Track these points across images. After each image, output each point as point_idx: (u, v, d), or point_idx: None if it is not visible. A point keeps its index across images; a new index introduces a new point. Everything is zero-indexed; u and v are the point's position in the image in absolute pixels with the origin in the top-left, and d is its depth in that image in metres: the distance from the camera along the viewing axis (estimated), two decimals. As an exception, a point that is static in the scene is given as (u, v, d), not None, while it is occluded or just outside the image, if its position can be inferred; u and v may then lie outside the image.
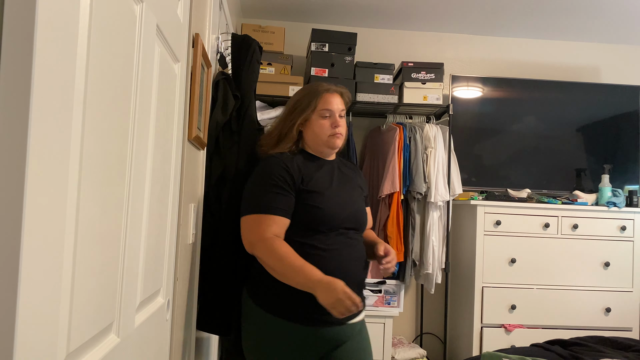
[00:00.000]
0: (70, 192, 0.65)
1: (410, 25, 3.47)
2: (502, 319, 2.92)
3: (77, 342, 0.69)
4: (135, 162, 0.92)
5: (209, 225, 1.80)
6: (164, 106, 1.15)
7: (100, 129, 0.74)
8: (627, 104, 3.38)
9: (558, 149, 3.35)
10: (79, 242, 0.68)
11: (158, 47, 1.07)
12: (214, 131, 1.80)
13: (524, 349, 2.04)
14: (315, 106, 1.63)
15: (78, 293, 0.68)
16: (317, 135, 1.63)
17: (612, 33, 3.45)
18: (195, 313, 1.71)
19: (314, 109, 1.63)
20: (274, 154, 1.61)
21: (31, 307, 0.55)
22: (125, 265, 0.90)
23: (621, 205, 3.00)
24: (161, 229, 1.18)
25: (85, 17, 0.67)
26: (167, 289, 1.28)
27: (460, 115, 3.25)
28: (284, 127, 1.66)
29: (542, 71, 3.58)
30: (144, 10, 0.93)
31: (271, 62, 2.97)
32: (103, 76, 0.74)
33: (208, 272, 1.77)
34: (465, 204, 3.13)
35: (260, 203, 1.52)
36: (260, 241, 1.48)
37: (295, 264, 1.43)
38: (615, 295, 2.98)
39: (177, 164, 1.33)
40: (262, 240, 1.47)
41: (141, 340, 1.03)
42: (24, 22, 0.53)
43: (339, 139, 1.65)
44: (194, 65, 1.49)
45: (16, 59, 0.52)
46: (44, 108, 0.56)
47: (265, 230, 1.48)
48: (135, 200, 0.93)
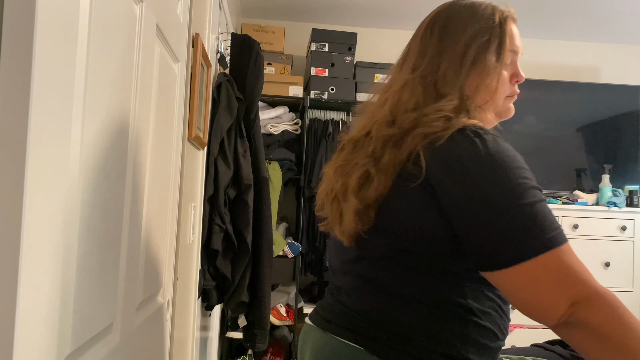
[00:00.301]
0: (70, 192, 0.65)
1: (410, 25, 3.47)
2: (502, 319, 2.93)
3: (77, 342, 0.69)
4: (135, 162, 0.92)
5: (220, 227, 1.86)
6: (164, 106, 1.14)
7: (100, 128, 0.74)
8: (628, 103, 3.38)
9: (558, 149, 3.35)
10: (79, 242, 0.68)
11: (158, 47, 1.07)
12: (218, 134, 1.80)
13: (524, 349, 2.03)
14: (502, 41, 0.91)
15: (78, 293, 0.68)
16: (494, 96, 0.93)
17: (612, 33, 3.44)
18: (196, 313, 1.71)
19: (500, 48, 0.90)
20: (487, 130, 0.83)
21: (31, 307, 0.55)
22: (125, 265, 0.90)
23: (621, 205, 3.00)
24: (161, 229, 1.18)
25: (85, 17, 0.67)
26: (167, 289, 1.28)
27: (460, 115, 3.25)
28: (476, 77, 0.89)
29: (542, 71, 3.58)
30: (143, 10, 0.93)
31: (271, 62, 2.97)
32: (103, 76, 0.74)
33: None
34: (466, 204, 3.13)
35: (551, 226, 0.75)
36: (595, 294, 0.75)
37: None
38: (616, 295, 2.98)
39: (177, 164, 1.33)
40: (596, 293, 0.75)
41: (141, 340, 1.03)
42: (24, 23, 0.52)
43: (513, 107, 1.01)
44: (194, 65, 1.49)
45: (16, 59, 0.52)
46: (44, 108, 0.56)
47: (589, 274, 0.76)
48: (135, 200, 0.93)
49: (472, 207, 0.76)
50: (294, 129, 2.96)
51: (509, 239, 0.74)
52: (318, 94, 2.96)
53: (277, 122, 2.91)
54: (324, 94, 2.97)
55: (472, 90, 0.88)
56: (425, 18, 1.00)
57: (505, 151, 0.80)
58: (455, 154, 0.78)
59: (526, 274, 0.74)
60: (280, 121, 2.93)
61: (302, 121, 2.97)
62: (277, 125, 2.90)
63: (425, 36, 0.95)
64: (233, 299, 1.97)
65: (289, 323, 2.88)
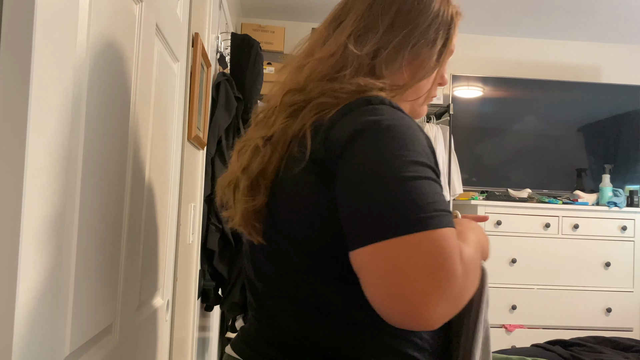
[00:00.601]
0: (70, 192, 0.65)
1: (410, 25, 3.47)
2: (502, 319, 2.92)
3: (77, 342, 0.69)
4: (135, 161, 0.92)
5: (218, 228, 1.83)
6: (164, 106, 1.14)
7: (99, 128, 0.74)
8: (628, 103, 3.38)
9: (558, 149, 3.35)
10: (79, 242, 0.68)
11: (157, 46, 1.07)
12: (216, 133, 1.80)
13: (524, 349, 2.03)
14: (448, 41, 0.86)
15: (78, 293, 0.68)
16: (420, 91, 0.87)
17: (612, 33, 3.44)
18: (196, 313, 1.71)
19: (444, 48, 0.86)
20: (396, 106, 0.72)
21: (31, 307, 0.55)
22: (125, 265, 0.89)
23: (622, 205, 3.00)
24: (161, 229, 1.18)
25: (85, 17, 0.67)
26: (166, 289, 1.28)
27: (460, 115, 3.25)
28: (408, 55, 0.81)
29: (543, 71, 3.58)
30: (143, 9, 0.93)
31: (271, 62, 2.97)
32: (102, 76, 0.74)
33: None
34: (466, 204, 3.13)
35: (427, 206, 0.62)
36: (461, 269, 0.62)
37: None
38: (616, 295, 2.98)
39: (177, 164, 1.33)
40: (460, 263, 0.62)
41: (141, 340, 1.03)
42: (23, 22, 0.52)
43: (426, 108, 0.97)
44: (194, 64, 1.49)
45: (15, 59, 0.52)
46: (43, 108, 0.56)
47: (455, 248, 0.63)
48: (134, 200, 0.93)
49: (348, 181, 0.64)
50: (294, 129, 2.96)
51: (373, 214, 0.61)
52: (318, 94, 2.96)
53: (277, 122, 2.91)
54: (324, 94, 2.97)
55: (402, 82, 0.80)
56: None
57: (406, 125, 0.67)
58: (352, 120, 0.67)
59: (388, 255, 0.59)
60: (280, 121, 2.93)
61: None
62: (277, 125, 2.90)
63: (376, 8, 0.80)
64: (227, 300, 1.97)
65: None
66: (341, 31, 0.79)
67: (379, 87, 0.73)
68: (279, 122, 0.73)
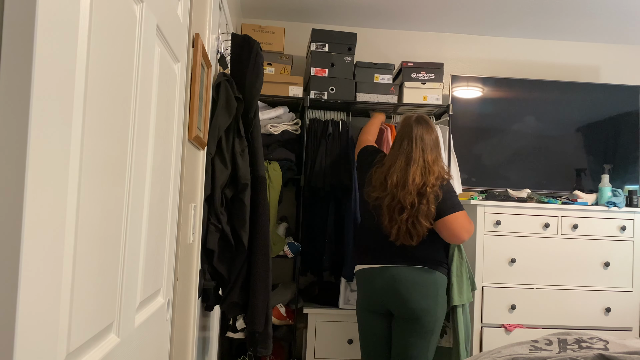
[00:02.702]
0: (71, 192, 0.65)
1: (410, 25, 3.47)
2: (502, 319, 2.92)
3: (77, 342, 0.69)
4: (135, 162, 0.92)
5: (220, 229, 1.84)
6: (164, 106, 1.15)
7: (100, 129, 0.74)
8: (627, 103, 3.38)
9: (558, 149, 3.35)
10: (79, 242, 0.68)
11: (158, 47, 1.07)
12: (216, 134, 1.80)
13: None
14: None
15: (78, 293, 0.68)
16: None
17: (611, 33, 3.45)
18: (196, 313, 1.71)
19: None
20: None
21: (31, 307, 0.55)
22: (125, 265, 0.90)
23: (621, 205, 3.00)
24: (161, 229, 1.18)
25: (86, 17, 0.68)
26: (167, 289, 1.28)
27: (460, 115, 3.25)
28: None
29: (542, 71, 3.58)
30: (144, 10, 0.93)
31: (271, 62, 2.97)
32: (103, 76, 0.74)
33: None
34: (466, 204, 3.13)
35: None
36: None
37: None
38: (615, 295, 2.98)
39: (177, 164, 1.33)
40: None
41: (141, 340, 1.03)
42: (24, 23, 0.53)
43: None
44: (194, 65, 1.49)
45: (16, 59, 0.52)
46: (44, 108, 0.56)
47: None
48: (135, 200, 0.93)
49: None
50: (294, 129, 2.96)
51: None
52: (318, 94, 2.96)
53: (277, 122, 2.91)
54: (323, 94, 2.97)
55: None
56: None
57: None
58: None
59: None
60: (280, 121, 2.93)
61: (302, 121, 2.97)
62: (277, 125, 2.90)
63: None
64: (227, 300, 1.96)
65: (289, 323, 2.88)
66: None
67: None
68: None
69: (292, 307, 2.90)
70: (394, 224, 2.15)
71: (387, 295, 2.19)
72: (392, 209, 2.16)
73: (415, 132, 2.22)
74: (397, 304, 2.17)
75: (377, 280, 2.21)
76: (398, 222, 2.14)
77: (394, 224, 2.15)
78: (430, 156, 2.20)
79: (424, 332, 2.16)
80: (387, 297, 2.19)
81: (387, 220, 2.17)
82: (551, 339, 1.98)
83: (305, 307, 2.93)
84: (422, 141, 2.21)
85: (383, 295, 2.20)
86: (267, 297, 1.98)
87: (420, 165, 2.17)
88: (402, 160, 2.19)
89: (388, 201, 2.17)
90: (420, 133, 2.22)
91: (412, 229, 2.14)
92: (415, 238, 2.14)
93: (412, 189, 2.13)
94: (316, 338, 2.90)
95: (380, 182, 2.21)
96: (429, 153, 2.21)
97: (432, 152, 2.22)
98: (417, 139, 2.21)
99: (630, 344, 1.87)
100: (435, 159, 2.22)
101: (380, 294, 2.20)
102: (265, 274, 1.97)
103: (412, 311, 2.15)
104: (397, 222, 2.14)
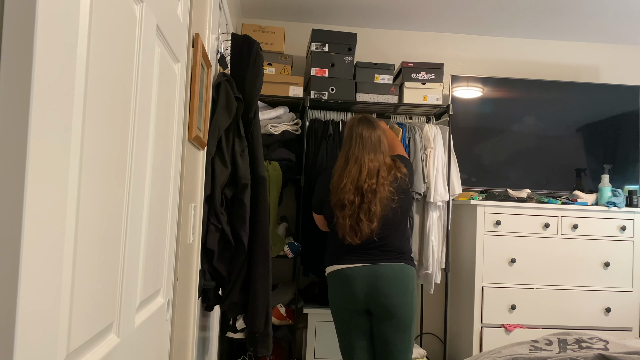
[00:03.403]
0: (71, 192, 0.65)
1: (410, 25, 3.47)
2: (502, 319, 2.92)
3: (77, 342, 0.69)
4: (135, 162, 0.92)
5: (218, 228, 1.83)
6: (164, 106, 1.15)
7: (100, 129, 0.74)
8: (627, 103, 3.38)
9: (558, 149, 3.35)
10: (79, 242, 0.68)
11: (158, 47, 1.07)
12: (216, 134, 1.80)
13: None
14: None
15: (78, 293, 0.68)
16: None
17: (612, 33, 3.45)
18: (196, 313, 1.71)
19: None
20: None
21: (31, 307, 0.55)
22: (125, 265, 0.90)
23: (621, 205, 3.00)
24: (161, 229, 1.18)
25: (85, 17, 0.68)
26: (167, 289, 1.28)
27: (460, 115, 3.25)
28: None
29: (542, 71, 3.58)
30: (144, 10, 0.93)
31: (271, 62, 2.97)
32: (103, 76, 0.74)
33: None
34: (465, 204, 3.13)
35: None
36: None
37: None
38: (615, 295, 2.98)
39: (177, 164, 1.33)
40: None
41: (141, 340, 1.03)
42: (24, 23, 0.53)
43: None
44: (194, 65, 1.49)
45: (16, 59, 0.52)
46: (44, 108, 0.56)
47: None
48: (135, 200, 0.93)
49: None
50: (294, 129, 2.96)
51: None
52: (318, 94, 2.96)
53: (277, 122, 2.91)
54: (324, 94, 2.97)
55: None
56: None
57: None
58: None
59: None
60: (280, 121, 2.93)
61: (302, 121, 2.97)
62: (278, 125, 2.90)
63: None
64: (227, 300, 1.96)
65: (289, 323, 2.88)
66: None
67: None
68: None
69: (292, 307, 2.90)
70: (347, 217, 2.16)
71: (368, 294, 2.17)
72: (337, 207, 2.19)
73: (357, 134, 2.26)
74: (378, 302, 2.16)
75: (356, 280, 2.18)
76: (348, 215, 2.15)
77: (346, 217, 2.16)
78: (375, 156, 2.22)
79: (404, 326, 2.18)
80: (368, 296, 2.17)
81: (344, 219, 2.18)
82: (551, 339, 1.99)
83: (305, 307, 2.93)
84: (361, 139, 2.24)
85: (363, 293, 2.17)
86: (267, 297, 1.98)
87: (362, 164, 2.19)
88: (351, 161, 2.21)
89: (334, 200, 2.20)
90: (360, 133, 2.25)
91: (355, 227, 2.15)
92: (375, 220, 2.15)
93: (350, 187, 2.15)
94: (316, 338, 2.90)
95: (333, 186, 2.24)
96: (371, 152, 2.22)
97: (374, 151, 2.22)
98: (357, 139, 2.24)
99: (630, 344, 1.87)
100: (377, 157, 2.22)
101: (360, 292, 2.18)
102: (265, 274, 1.97)
103: (393, 307, 2.15)
104: (348, 216, 2.16)
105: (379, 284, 2.15)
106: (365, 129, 2.25)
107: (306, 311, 2.92)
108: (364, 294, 2.17)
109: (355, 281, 2.18)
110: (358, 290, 2.17)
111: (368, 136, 2.23)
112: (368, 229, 2.15)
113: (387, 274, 2.16)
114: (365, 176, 2.16)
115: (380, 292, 2.15)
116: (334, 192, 2.21)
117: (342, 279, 2.22)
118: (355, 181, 2.16)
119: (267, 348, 2.02)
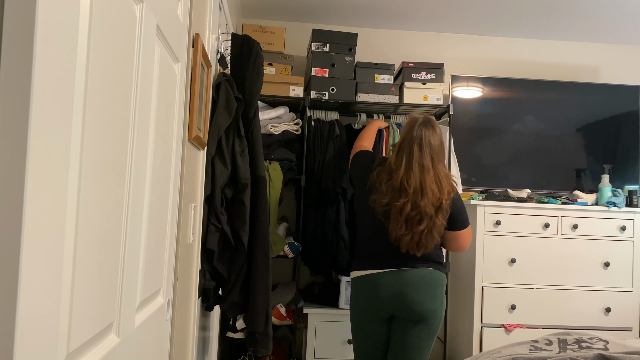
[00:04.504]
0: (71, 192, 0.65)
1: (410, 25, 3.47)
2: (502, 319, 2.92)
3: (77, 342, 0.69)
4: (135, 162, 0.92)
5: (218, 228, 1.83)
6: (164, 106, 1.15)
7: (100, 129, 0.74)
8: (627, 104, 3.38)
9: (558, 149, 3.35)
10: (79, 242, 0.68)
11: (158, 47, 1.07)
12: (216, 134, 1.80)
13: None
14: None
15: (78, 293, 0.68)
16: None
17: (611, 33, 3.45)
18: (196, 313, 1.71)
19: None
20: None
21: (31, 307, 0.55)
22: (125, 265, 0.90)
23: (621, 205, 3.00)
24: (161, 229, 1.18)
25: (85, 17, 0.68)
26: (167, 289, 1.28)
27: (460, 115, 3.25)
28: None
29: (542, 71, 3.59)
30: (144, 10, 0.93)
31: (272, 63, 2.97)
32: (103, 76, 0.74)
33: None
34: (465, 204, 3.13)
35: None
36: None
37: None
38: (615, 295, 2.98)
39: (177, 164, 1.33)
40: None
41: (141, 340, 1.03)
42: (24, 23, 0.53)
43: None
44: (194, 65, 1.49)
45: (16, 59, 0.52)
46: (44, 108, 0.56)
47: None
48: (135, 200, 0.93)
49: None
50: (295, 129, 2.96)
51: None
52: (318, 94, 2.96)
53: (277, 122, 2.91)
54: (324, 94, 2.97)
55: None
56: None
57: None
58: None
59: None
60: (280, 121, 2.93)
61: (302, 121, 2.97)
62: (278, 125, 2.90)
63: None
64: (227, 300, 1.96)
65: (289, 323, 2.88)
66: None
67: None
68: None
69: (292, 307, 2.90)
70: (408, 234, 2.05)
71: (394, 300, 2.10)
72: (410, 218, 2.04)
73: (423, 139, 2.12)
74: (406, 308, 2.10)
75: (383, 286, 2.12)
76: (412, 232, 2.04)
77: (408, 233, 2.05)
78: (439, 165, 2.12)
79: (430, 334, 2.14)
80: (395, 302, 2.10)
81: (402, 229, 2.05)
82: (551, 339, 1.99)
83: (305, 307, 2.93)
84: (430, 147, 2.11)
85: (390, 300, 2.10)
86: (267, 297, 1.98)
87: (432, 175, 2.08)
88: (416, 167, 2.08)
89: (408, 209, 2.04)
90: (427, 139, 2.12)
91: (423, 241, 2.06)
92: (422, 250, 2.07)
93: (433, 200, 2.05)
94: (316, 338, 2.91)
95: (394, 187, 2.08)
96: (437, 161, 2.12)
97: (439, 160, 2.13)
98: (425, 145, 2.11)
99: (630, 344, 1.87)
100: (442, 168, 2.14)
101: (387, 299, 2.11)
102: (265, 274, 1.97)
103: (421, 313, 2.09)
104: (411, 232, 2.04)
105: (406, 290, 2.08)
106: (432, 136, 2.14)
107: (306, 311, 2.92)
108: (390, 300, 2.10)
109: (381, 287, 2.11)
110: (384, 296, 2.10)
111: (435, 144, 2.13)
112: (432, 245, 2.09)
113: (415, 279, 2.09)
114: (444, 192, 2.08)
115: (407, 298, 2.08)
116: (409, 200, 2.05)
117: (367, 284, 2.15)
118: (437, 198, 2.06)
119: (267, 348, 2.02)
